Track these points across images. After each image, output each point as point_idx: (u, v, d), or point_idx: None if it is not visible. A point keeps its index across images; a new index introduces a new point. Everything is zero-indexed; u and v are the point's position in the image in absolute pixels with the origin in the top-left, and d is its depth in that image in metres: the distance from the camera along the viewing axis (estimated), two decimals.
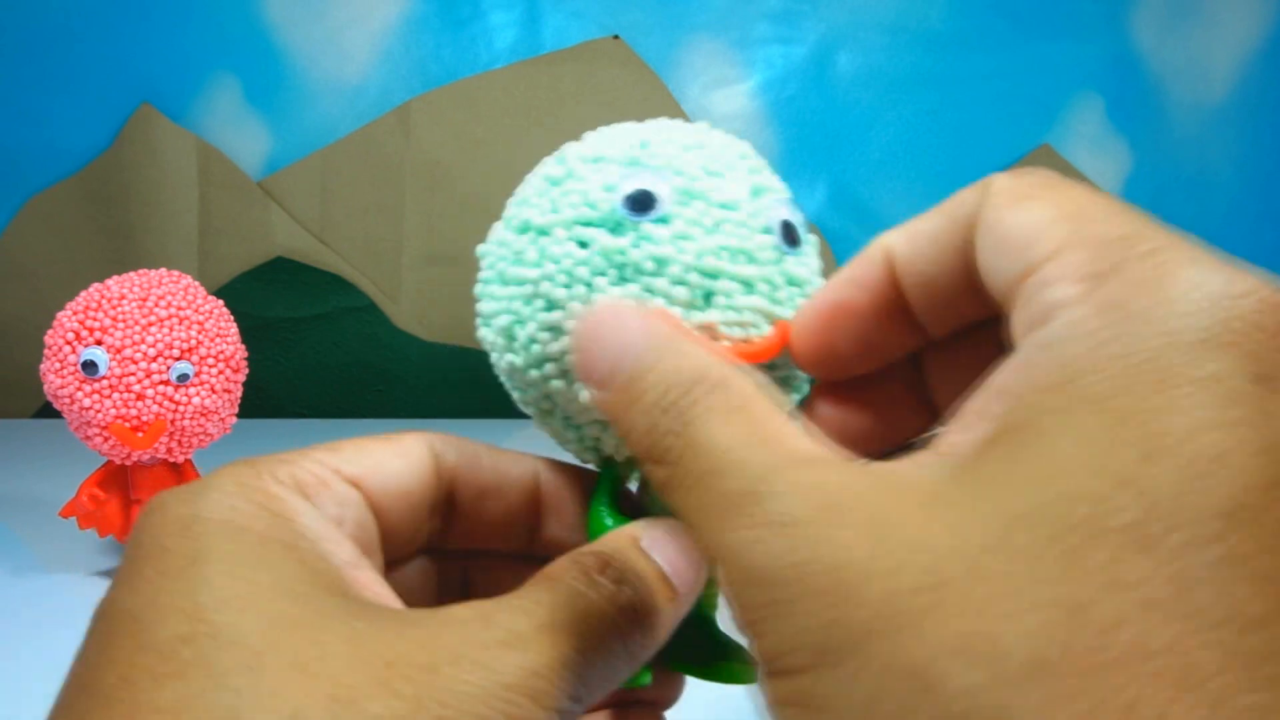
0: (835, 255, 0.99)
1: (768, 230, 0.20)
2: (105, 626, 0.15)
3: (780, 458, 0.14)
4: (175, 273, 0.48)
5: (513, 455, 0.22)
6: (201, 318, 0.47)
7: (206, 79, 0.93)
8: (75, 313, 0.45)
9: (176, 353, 0.45)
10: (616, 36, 0.95)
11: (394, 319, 0.96)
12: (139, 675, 0.14)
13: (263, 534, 0.17)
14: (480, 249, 0.22)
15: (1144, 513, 0.12)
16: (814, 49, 0.97)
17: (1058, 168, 0.99)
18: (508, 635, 0.16)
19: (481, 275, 0.22)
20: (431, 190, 0.94)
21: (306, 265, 0.95)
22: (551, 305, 0.20)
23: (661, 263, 0.19)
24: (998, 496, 0.13)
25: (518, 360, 0.20)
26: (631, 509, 0.21)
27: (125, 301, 0.45)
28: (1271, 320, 0.13)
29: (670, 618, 0.18)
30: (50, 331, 0.46)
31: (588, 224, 0.20)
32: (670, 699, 0.23)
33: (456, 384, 0.94)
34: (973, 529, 0.12)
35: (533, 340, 0.20)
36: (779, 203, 0.21)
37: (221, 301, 0.49)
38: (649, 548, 0.19)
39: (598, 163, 0.21)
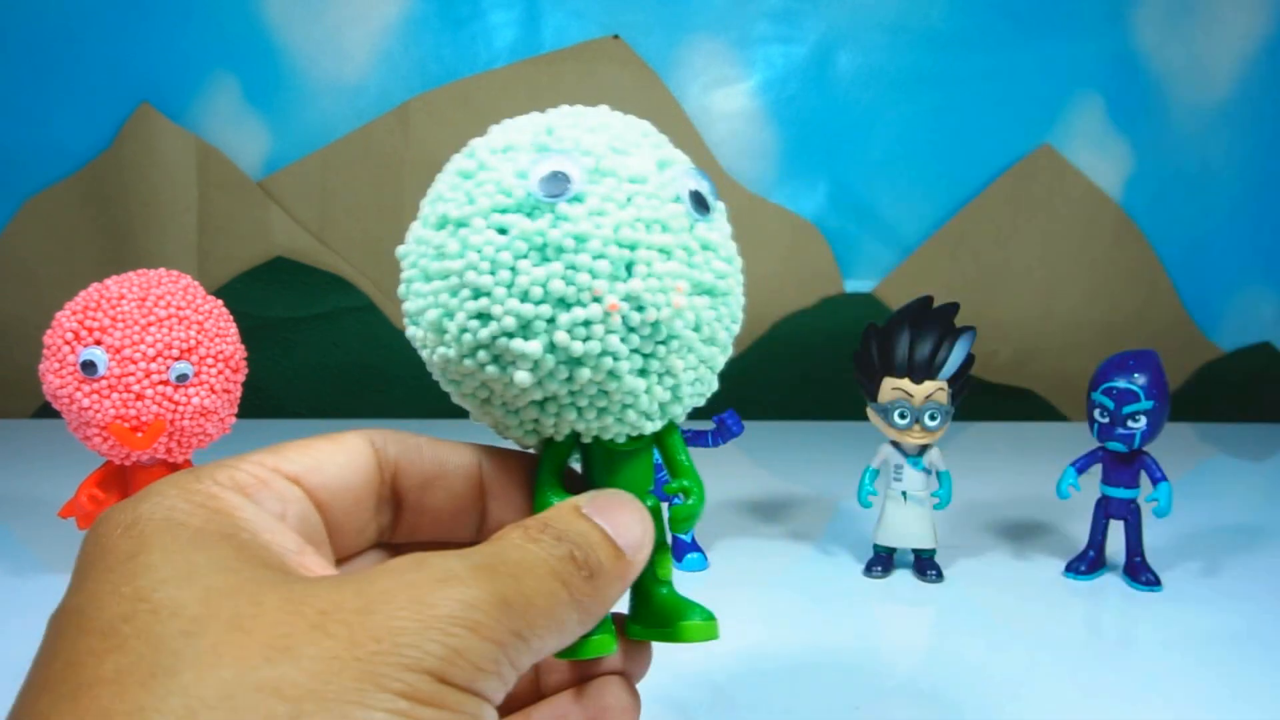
0: (835, 255, 0.99)
1: (677, 199, 0.21)
2: (54, 628, 0.16)
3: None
4: (174, 272, 0.48)
5: (453, 445, 0.23)
6: (201, 318, 0.46)
7: (206, 79, 0.93)
8: (74, 313, 0.45)
9: (176, 353, 0.45)
10: (616, 36, 0.95)
11: (394, 319, 0.96)
12: (83, 657, 0.15)
13: (200, 527, 0.17)
14: (400, 250, 0.22)
15: None
16: (814, 48, 0.97)
17: (1058, 167, 0.99)
18: (443, 573, 0.17)
19: (404, 275, 0.22)
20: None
21: (306, 265, 0.95)
22: (478, 293, 0.20)
23: (581, 239, 0.20)
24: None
25: (450, 352, 0.21)
26: (575, 487, 0.22)
27: (124, 301, 0.45)
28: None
29: (616, 576, 0.19)
30: (49, 331, 0.45)
31: (504, 211, 0.20)
32: (639, 671, 0.23)
33: None
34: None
35: (463, 330, 0.20)
36: (685, 174, 0.22)
37: (221, 301, 0.48)
38: (591, 513, 0.20)
39: (507, 151, 0.21)
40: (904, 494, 0.53)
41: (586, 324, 0.20)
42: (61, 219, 0.94)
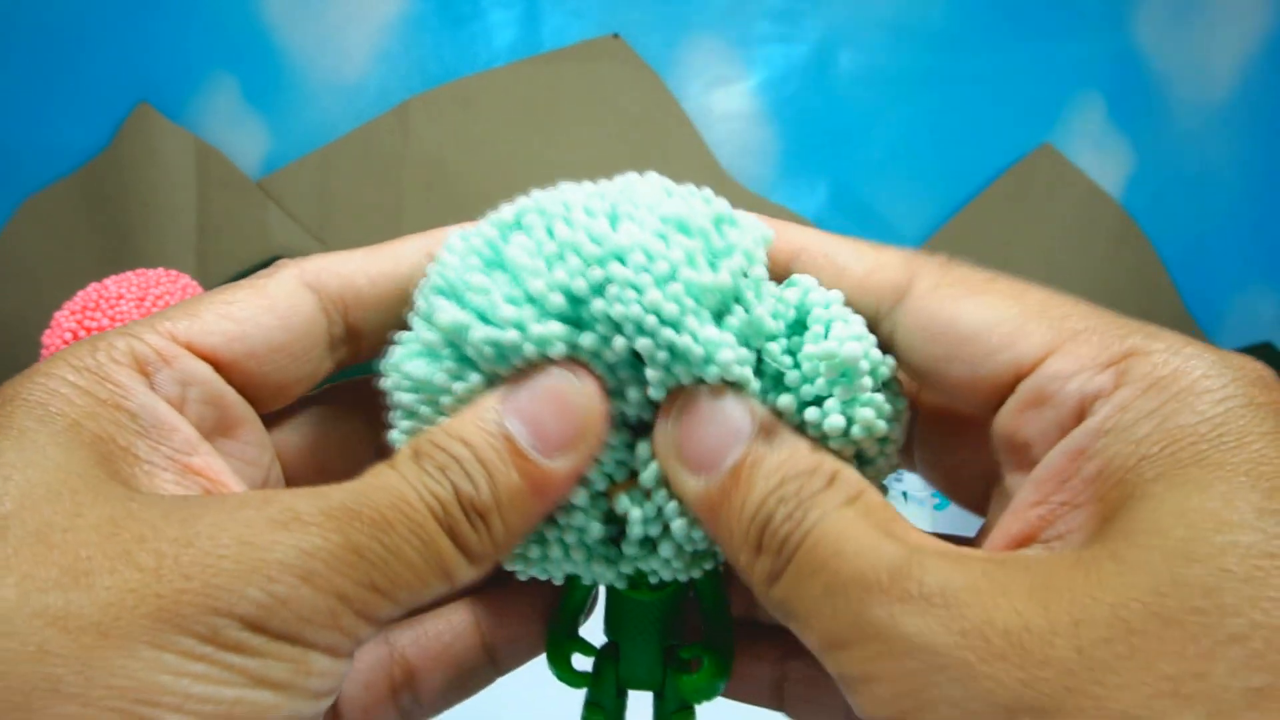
0: None
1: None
2: None
3: (910, 546, 0.15)
4: (173, 272, 0.48)
5: (392, 250, 0.21)
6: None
7: (205, 78, 0.92)
8: (73, 312, 0.45)
9: None
10: (616, 35, 0.95)
11: None
12: None
13: (72, 419, 0.16)
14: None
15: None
16: (815, 48, 0.97)
17: (1059, 167, 0.99)
18: (284, 515, 0.15)
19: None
20: (430, 189, 0.94)
21: None
22: None
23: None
24: (1146, 562, 0.13)
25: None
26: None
27: (123, 301, 0.45)
28: (1275, 381, 0.14)
29: (525, 498, 0.17)
30: (48, 331, 0.45)
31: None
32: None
33: None
34: (1134, 590, 0.13)
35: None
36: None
37: None
38: (505, 411, 0.17)
39: (529, 297, 0.18)
40: (904, 494, 0.53)
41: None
42: (60, 219, 0.93)
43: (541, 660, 0.21)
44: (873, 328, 0.19)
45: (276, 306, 0.19)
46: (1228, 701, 0.12)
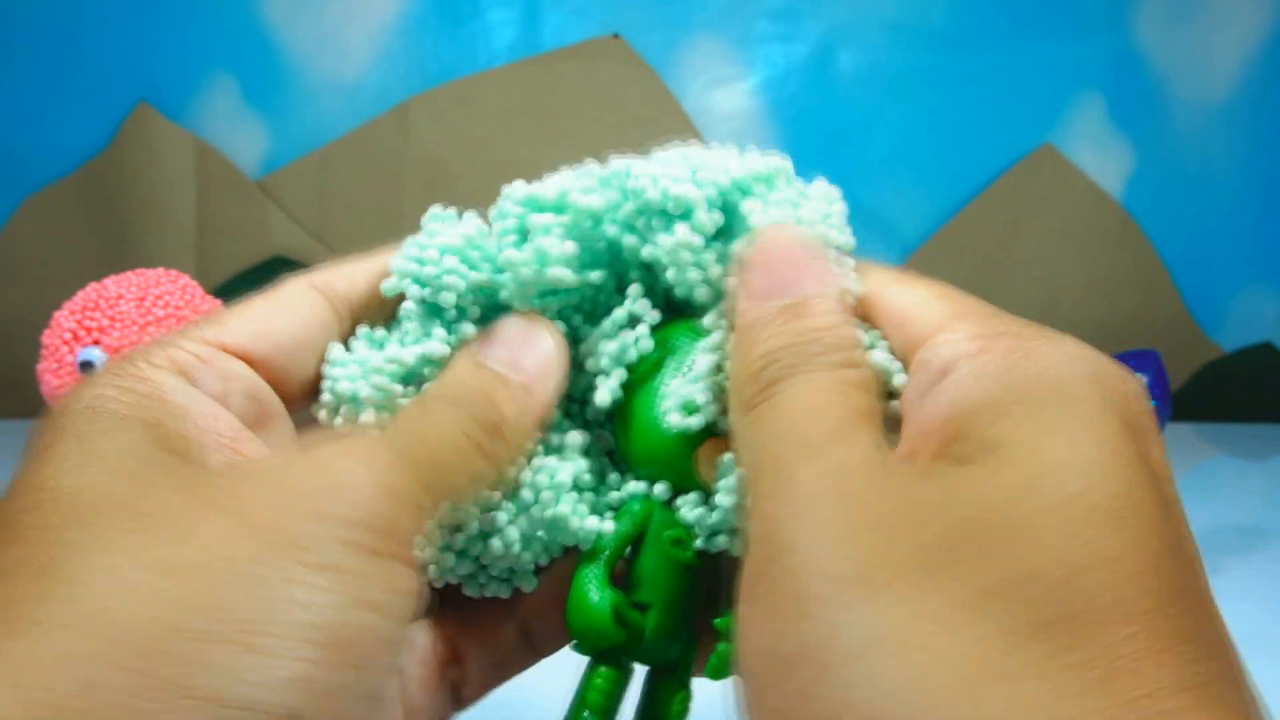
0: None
1: None
2: None
3: (845, 440, 0.16)
4: (173, 272, 0.48)
5: (390, 253, 0.22)
6: (199, 318, 0.46)
7: (204, 78, 0.92)
8: (73, 313, 0.45)
9: None
10: (616, 35, 0.95)
11: None
12: None
13: (123, 414, 0.17)
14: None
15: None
16: (815, 47, 0.97)
17: (1059, 167, 0.99)
18: (348, 448, 0.16)
19: None
20: (430, 189, 0.94)
21: (305, 265, 0.95)
22: None
23: None
24: (971, 488, 0.15)
25: None
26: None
27: (123, 301, 0.45)
28: (1130, 383, 0.16)
29: (523, 415, 0.19)
30: (48, 331, 0.45)
31: None
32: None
33: None
34: (958, 509, 0.14)
35: None
36: None
37: (220, 301, 0.48)
38: (485, 359, 0.19)
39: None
40: None
41: None
42: (59, 219, 0.93)
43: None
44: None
45: (292, 306, 0.20)
46: (1015, 628, 0.13)
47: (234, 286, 0.94)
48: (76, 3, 0.91)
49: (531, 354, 0.20)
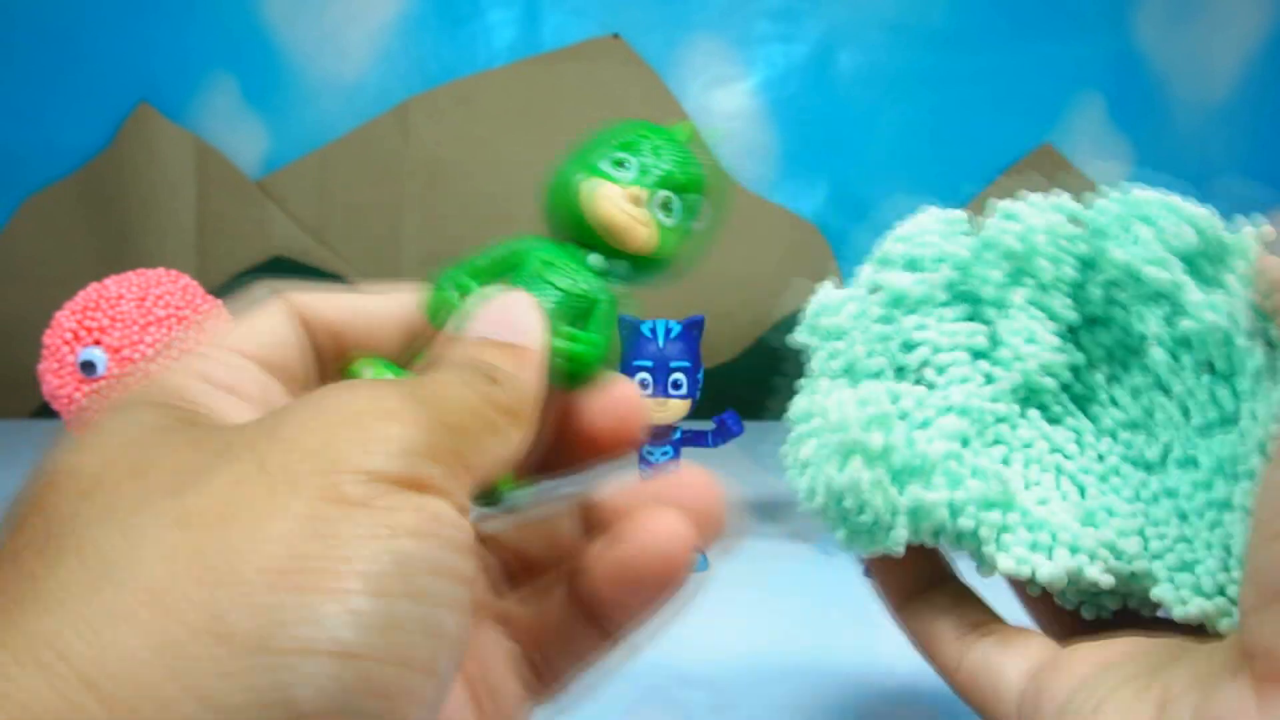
0: (835, 254, 0.99)
1: None
2: None
3: None
4: (173, 272, 0.48)
5: (383, 297, 0.22)
6: (200, 318, 0.46)
7: (204, 78, 0.92)
8: (73, 312, 0.45)
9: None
10: (616, 35, 0.95)
11: None
12: (2, 539, 0.15)
13: (133, 400, 0.17)
14: None
15: None
16: (815, 47, 0.97)
17: (1059, 167, 0.99)
18: (380, 386, 0.17)
19: None
20: (430, 189, 0.94)
21: (305, 265, 0.95)
22: None
23: None
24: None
25: None
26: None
27: (123, 301, 0.45)
28: None
29: (525, 370, 0.19)
30: (48, 331, 0.45)
31: None
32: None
33: None
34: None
35: None
36: None
37: (220, 301, 0.48)
38: (474, 331, 0.19)
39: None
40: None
41: None
42: (60, 219, 0.93)
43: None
44: None
45: (270, 313, 0.21)
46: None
47: (234, 286, 0.94)
48: (76, 3, 0.91)
49: (515, 316, 0.20)
